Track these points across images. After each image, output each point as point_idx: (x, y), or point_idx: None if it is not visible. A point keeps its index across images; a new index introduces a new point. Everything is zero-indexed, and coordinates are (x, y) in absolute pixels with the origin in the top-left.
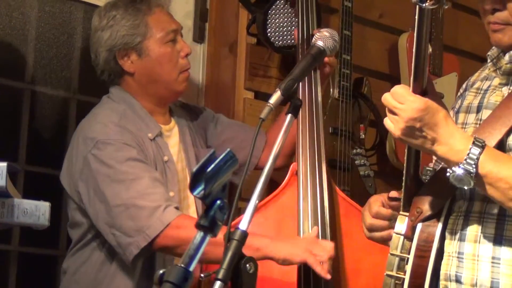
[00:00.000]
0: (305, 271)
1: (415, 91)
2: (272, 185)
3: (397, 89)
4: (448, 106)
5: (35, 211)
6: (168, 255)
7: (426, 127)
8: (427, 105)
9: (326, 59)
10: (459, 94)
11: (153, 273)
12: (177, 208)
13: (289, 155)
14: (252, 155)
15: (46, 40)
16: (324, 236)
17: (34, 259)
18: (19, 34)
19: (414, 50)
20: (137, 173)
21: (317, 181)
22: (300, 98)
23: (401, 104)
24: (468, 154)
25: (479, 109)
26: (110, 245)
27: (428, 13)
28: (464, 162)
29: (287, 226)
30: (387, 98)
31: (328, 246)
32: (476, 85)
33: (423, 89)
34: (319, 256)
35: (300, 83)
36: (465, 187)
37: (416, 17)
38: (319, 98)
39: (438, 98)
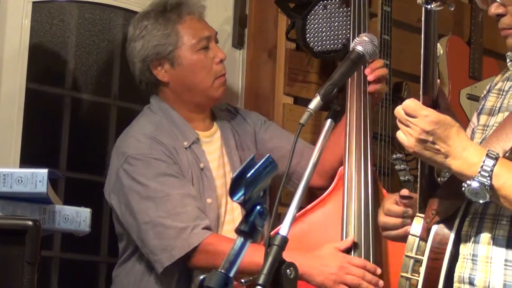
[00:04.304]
0: None
1: (425, 104)
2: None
3: (409, 102)
4: None
5: (76, 217)
6: None
7: (439, 141)
8: (439, 118)
9: (372, 89)
10: (482, 95)
11: (191, 282)
12: (206, 227)
13: (333, 176)
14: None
15: (86, 46)
16: (367, 241)
17: (75, 265)
18: (59, 41)
19: (422, 56)
20: (167, 191)
21: (362, 185)
22: (349, 102)
23: (414, 118)
24: (482, 167)
25: (500, 111)
26: None
27: (435, 15)
28: (479, 174)
29: (332, 230)
30: (400, 112)
31: (359, 262)
32: (498, 86)
33: (434, 102)
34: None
35: (349, 88)
36: (481, 201)
37: (423, 19)
38: (368, 102)
39: (451, 112)
